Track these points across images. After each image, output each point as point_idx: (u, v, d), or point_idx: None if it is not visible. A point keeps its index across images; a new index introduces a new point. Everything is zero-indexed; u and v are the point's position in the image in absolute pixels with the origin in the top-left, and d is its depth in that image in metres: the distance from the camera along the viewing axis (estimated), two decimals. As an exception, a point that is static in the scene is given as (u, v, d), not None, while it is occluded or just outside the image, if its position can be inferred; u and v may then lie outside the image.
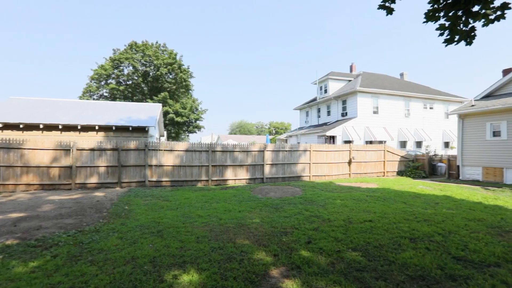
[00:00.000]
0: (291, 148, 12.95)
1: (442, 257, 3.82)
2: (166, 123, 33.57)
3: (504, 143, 12.12)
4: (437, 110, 23.48)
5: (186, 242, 4.34)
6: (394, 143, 21.14)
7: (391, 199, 8.07)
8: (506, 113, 12.04)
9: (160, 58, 33.69)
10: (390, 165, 15.48)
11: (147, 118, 14.67)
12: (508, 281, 3.14)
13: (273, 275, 3.31)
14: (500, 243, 4.39)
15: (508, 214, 6.30)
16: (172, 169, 10.98)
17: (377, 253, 3.94)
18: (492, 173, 12.56)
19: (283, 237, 4.66)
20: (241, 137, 57.47)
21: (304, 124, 29.07)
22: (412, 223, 5.52)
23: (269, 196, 8.65)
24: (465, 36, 2.98)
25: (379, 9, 3.00)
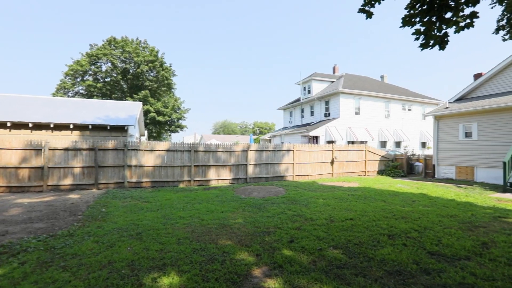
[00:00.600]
0: (275, 148, 13.02)
1: (417, 252, 3.97)
2: (147, 123, 32.70)
3: (475, 144, 12.86)
4: (415, 111, 24.53)
5: (166, 244, 4.22)
6: (375, 143, 21.84)
7: (371, 198, 8.31)
8: (476, 115, 12.78)
9: (141, 55, 32.75)
10: (371, 164, 15.97)
11: (127, 117, 14.19)
12: (477, 273, 3.32)
13: (255, 275, 3.29)
14: (470, 237, 4.63)
15: (478, 210, 6.67)
16: (153, 169, 10.69)
17: (357, 250, 4.03)
18: (464, 172, 13.29)
19: (266, 236, 4.66)
20: (225, 137, 57.11)
21: (288, 124, 29.35)
22: (391, 220, 5.70)
23: (252, 196, 8.63)
24: (439, 41, 3.12)
25: (359, 12, 3.07)
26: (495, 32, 5.38)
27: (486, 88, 13.71)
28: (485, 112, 12.40)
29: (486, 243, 4.36)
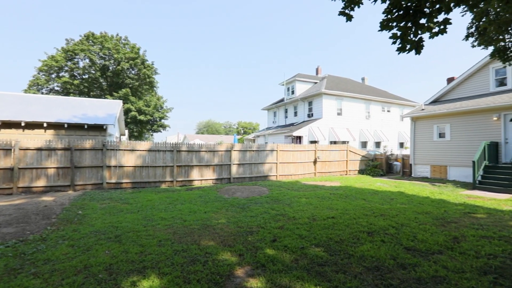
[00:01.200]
0: (258, 148, 13.05)
1: (395, 248, 4.12)
2: (128, 122, 31.70)
3: (448, 144, 13.57)
4: (393, 113, 25.48)
5: (147, 246, 4.11)
6: (356, 143, 22.46)
7: (352, 196, 8.53)
8: (449, 117, 13.49)
9: (121, 52, 31.68)
10: (352, 164, 16.40)
11: (106, 116, 13.69)
12: (448, 266, 3.50)
13: (238, 275, 3.28)
14: (443, 232, 4.88)
15: (450, 207, 7.04)
16: (133, 169, 10.38)
17: (338, 248, 4.12)
18: (438, 171, 13.98)
19: (249, 236, 4.65)
20: (209, 137, 56.54)
21: (272, 124, 29.53)
22: (370, 218, 5.88)
23: (235, 196, 8.61)
24: (414, 46, 3.26)
25: (339, 15, 3.15)
26: (465, 39, 5.69)
27: (458, 92, 14.50)
28: (456, 114, 13.12)
29: (457, 238, 4.60)
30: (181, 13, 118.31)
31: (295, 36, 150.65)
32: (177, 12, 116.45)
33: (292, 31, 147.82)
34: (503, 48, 5.27)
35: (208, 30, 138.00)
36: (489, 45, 5.45)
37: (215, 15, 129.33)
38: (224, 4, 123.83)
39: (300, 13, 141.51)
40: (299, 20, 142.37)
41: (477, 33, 5.38)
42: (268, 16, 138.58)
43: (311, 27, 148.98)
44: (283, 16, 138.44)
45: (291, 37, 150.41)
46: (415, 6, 2.83)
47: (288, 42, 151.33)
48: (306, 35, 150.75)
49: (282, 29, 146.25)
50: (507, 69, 12.33)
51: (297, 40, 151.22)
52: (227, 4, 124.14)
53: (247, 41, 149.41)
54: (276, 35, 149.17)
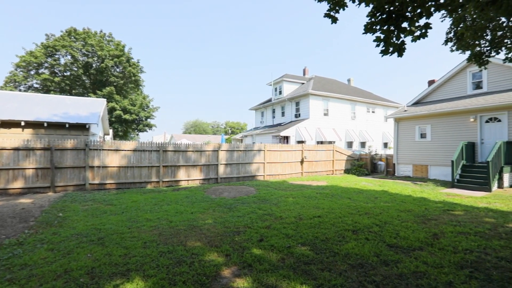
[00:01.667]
0: (246, 148, 13.04)
1: (378, 245, 4.23)
2: (112, 121, 30.85)
3: (429, 144, 14.08)
4: (378, 114, 26.14)
5: (131, 249, 4.02)
6: (342, 143, 22.88)
7: (338, 196, 8.69)
8: (430, 118, 14.00)
9: (105, 49, 30.77)
10: (338, 163, 16.70)
11: (89, 114, 13.26)
12: (428, 261, 3.64)
13: (225, 275, 3.26)
14: (423, 229, 5.06)
15: (431, 205, 7.31)
16: (118, 170, 10.11)
17: (323, 246, 4.19)
18: (420, 170, 14.48)
19: (236, 236, 4.65)
20: (196, 137, 55.92)
21: (259, 124, 29.59)
22: (355, 216, 6.01)
23: (223, 196, 8.56)
24: (397, 49, 3.36)
25: (325, 17, 3.21)
26: (444, 44, 5.92)
27: (438, 94, 15.07)
28: (436, 116, 13.64)
29: (436, 234, 4.79)
30: (168, 12, 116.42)
31: (283, 37, 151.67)
32: (164, 11, 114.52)
33: (280, 32, 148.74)
34: (479, 53, 5.53)
35: (194, 30, 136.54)
36: (466, 50, 5.70)
37: (201, 15, 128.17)
38: (212, 5, 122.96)
39: (287, 15, 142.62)
40: (287, 21, 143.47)
41: (455, 38, 5.60)
42: (255, 17, 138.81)
43: (298, 28, 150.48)
44: (271, 16, 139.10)
45: (278, 38, 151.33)
46: (397, 10, 2.92)
47: (275, 42, 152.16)
48: (293, 36, 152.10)
49: (269, 29, 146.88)
50: (483, 73, 12.94)
51: (285, 41, 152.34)
52: (215, 4, 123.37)
53: (235, 41, 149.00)
54: (263, 36, 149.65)
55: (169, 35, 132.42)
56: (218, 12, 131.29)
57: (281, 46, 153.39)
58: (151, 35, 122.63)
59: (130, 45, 65.86)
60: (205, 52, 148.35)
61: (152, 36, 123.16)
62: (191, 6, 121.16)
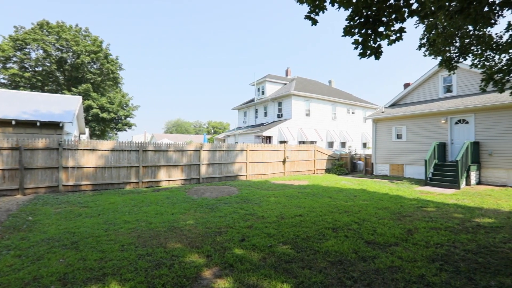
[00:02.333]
0: (228, 147, 12.98)
1: (357, 242, 4.37)
2: (89, 119, 29.53)
3: (404, 144, 14.73)
4: (357, 115, 26.97)
5: (107, 252, 3.87)
6: (323, 143, 23.37)
7: (319, 195, 8.86)
8: (405, 119, 14.65)
9: (81, 44, 29.39)
10: (319, 163, 17.05)
11: (62, 112, 12.60)
12: (403, 256, 3.80)
13: (205, 276, 3.23)
14: (399, 226, 5.28)
15: (406, 202, 7.65)
16: (94, 171, 9.69)
17: (304, 245, 4.26)
18: (396, 169, 15.12)
19: (217, 237, 4.61)
20: (178, 136, 54.88)
21: (242, 124, 29.55)
22: (335, 215, 6.17)
23: (204, 197, 8.47)
24: (374, 52, 3.49)
25: (305, 19, 3.27)
26: (418, 49, 6.21)
27: (413, 96, 15.81)
28: (411, 117, 14.31)
29: (411, 230, 5.02)
30: (148, 10, 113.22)
31: (266, 37, 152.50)
32: (144, 9, 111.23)
33: (263, 32, 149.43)
34: (449, 59, 5.86)
35: (176, 29, 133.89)
36: (438, 55, 6.02)
37: (183, 14, 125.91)
38: (194, 4, 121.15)
39: (270, 15, 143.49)
40: (269, 21, 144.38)
41: (428, 44, 5.90)
42: (238, 17, 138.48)
43: (281, 29, 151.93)
44: (254, 17, 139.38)
45: (261, 38, 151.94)
46: (374, 15, 3.03)
47: (259, 42, 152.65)
48: (276, 36, 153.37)
49: (252, 30, 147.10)
50: (452, 77, 13.74)
51: (268, 41, 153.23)
52: (197, 4, 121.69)
53: (218, 41, 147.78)
54: (246, 36, 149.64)
55: (150, 34, 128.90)
56: (200, 12, 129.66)
57: (264, 46, 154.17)
58: (132, 33, 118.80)
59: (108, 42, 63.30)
60: (187, 51, 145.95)
61: (132, 33, 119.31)
62: (172, 5, 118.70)
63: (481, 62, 5.78)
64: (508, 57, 5.19)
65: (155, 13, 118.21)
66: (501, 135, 11.15)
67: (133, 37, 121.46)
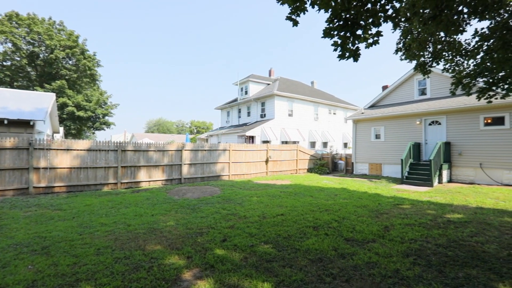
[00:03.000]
0: (211, 147, 12.85)
1: (336, 240, 4.47)
2: (64, 118, 28.12)
3: (383, 144, 15.29)
4: (339, 115, 27.65)
5: (82, 257, 3.70)
6: (306, 143, 23.74)
7: (301, 194, 8.99)
8: (383, 120, 15.21)
9: (55, 38, 27.91)
10: (302, 163, 17.29)
11: (33, 110, 11.91)
12: (380, 252, 3.94)
13: (185, 278, 3.17)
14: (376, 223, 5.47)
15: (383, 200, 7.94)
16: (69, 171, 9.24)
17: (286, 243, 4.30)
18: (375, 168, 15.66)
19: (198, 237, 4.55)
20: (159, 136, 53.60)
21: (225, 124, 29.38)
22: (316, 213, 6.28)
23: (186, 197, 8.33)
24: (352, 54, 3.59)
25: (286, 19, 3.30)
26: (395, 53, 6.46)
27: (391, 98, 16.45)
28: (389, 118, 14.88)
29: (387, 227, 5.21)
30: (126, 4, 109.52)
31: (250, 37, 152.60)
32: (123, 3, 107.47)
33: (247, 32, 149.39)
34: (423, 63, 6.15)
35: (158, 27, 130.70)
36: (413, 60, 6.29)
37: (165, 12, 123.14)
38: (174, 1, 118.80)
39: (255, 15, 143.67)
40: (254, 22, 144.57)
41: (404, 48, 6.16)
42: (222, 15, 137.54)
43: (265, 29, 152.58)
44: (237, 16, 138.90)
45: (246, 38, 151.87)
46: (352, 18, 3.13)
47: (242, 42, 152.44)
48: (260, 36, 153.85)
49: (236, 30, 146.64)
50: (427, 81, 14.45)
51: (252, 41, 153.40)
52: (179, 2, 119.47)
53: (201, 39, 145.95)
54: (229, 36, 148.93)
55: (131, 31, 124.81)
56: (181, 6, 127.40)
57: (248, 46, 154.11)
58: (111, 29, 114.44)
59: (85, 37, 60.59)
60: (170, 49, 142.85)
61: (111, 29, 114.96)
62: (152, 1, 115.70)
63: (452, 67, 6.13)
64: (475, 63, 5.53)
65: (135, 8, 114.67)
66: (469, 136, 11.88)
67: (112, 34, 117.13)
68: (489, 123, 11.43)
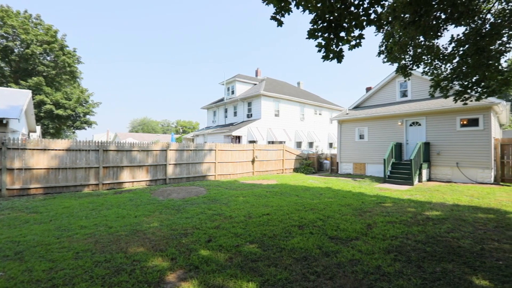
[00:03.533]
0: (196, 147, 12.70)
1: (321, 238, 4.54)
2: (41, 116, 26.87)
3: (366, 144, 15.69)
4: (324, 116, 28.10)
5: (59, 261, 3.54)
6: (292, 143, 23.96)
7: (287, 193, 9.06)
8: (367, 121, 15.62)
9: (32, 32, 26.61)
10: (288, 163, 17.44)
11: (7, 108, 11.30)
12: (362, 249, 4.04)
13: (169, 280, 3.11)
14: (360, 221, 5.60)
15: (366, 199, 8.14)
16: (46, 172, 8.83)
17: (271, 243, 4.31)
18: (359, 168, 16.04)
19: (183, 238, 4.47)
20: (144, 136, 52.40)
21: (211, 123, 29.14)
22: (301, 212, 6.34)
23: (171, 198, 8.18)
24: (336, 55, 3.66)
25: (271, 19, 3.32)
26: (378, 55, 6.65)
27: (374, 99, 16.91)
28: (372, 119, 15.30)
29: (370, 225, 5.35)
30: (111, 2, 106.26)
31: (236, 37, 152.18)
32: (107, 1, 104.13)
33: (234, 32, 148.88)
34: (404, 66, 6.37)
35: (142, 25, 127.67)
36: (394, 62, 6.50)
37: (150, 9, 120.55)
38: None
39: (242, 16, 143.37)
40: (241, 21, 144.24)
41: (386, 51, 6.35)
42: (213, 19, 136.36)
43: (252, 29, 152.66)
44: (225, 16, 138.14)
45: (232, 37, 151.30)
46: (336, 20, 3.19)
47: (229, 42, 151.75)
48: (247, 36, 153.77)
49: (223, 29, 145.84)
50: (407, 83, 14.97)
51: (238, 41, 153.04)
52: None
53: (187, 39, 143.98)
54: (216, 35, 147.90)
55: (114, 28, 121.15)
56: (168, 5, 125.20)
57: (236, 46, 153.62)
58: (94, 26, 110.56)
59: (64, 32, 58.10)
60: (156, 49, 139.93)
61: (94, 25, 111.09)
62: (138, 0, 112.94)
63: (431, 70, 6.38)
64: (451, 67, 5.78)
65: (119, 5, 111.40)
66: (447, 136, 12.42)
67: (95, 30, 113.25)
68: (465, 124, 12.00)
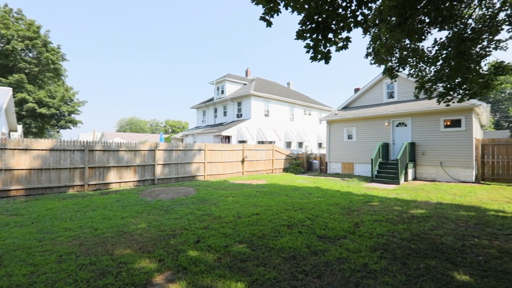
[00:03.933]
0: (185, 147, 12.57)
1: (309, 237, 4.58)
2: (23, 115, 25.91)
3: (355, 144, 15.96)
4: (314, 116, 28.40)
5: (41, 265, 3.43)
6: (282, 143, 24.09)
7: (276, 193, 9.10)
8: (355, 121, 15.89)
9: (12, 28, 25.61)
10: (277, 163, 17.51)
11: (-13, 106, 10.84)
12: (350, 248, 4.10)
13: (157, 282, 3.07)
14: (347, 220, 5.69)
15: (354, 198, 8.28)
16: (28, 173, 8.53)
17: (260, 243, 4.32)
18: (347, 167, 16.30)
19: (171, 239, 4.42)
20: (132, 135, 51.39)
21: (201, 123, 28.92)
22: (291, 212, 6.39)
23: (159, 198, 8.06)
24: (324, 56, 3.71)
25: (260, 20, 3.33)
26: (365, 57, 6.77)
27: (362, 100, 17.22)
28: (360, 119, 15.58)
29: (357, 223, 5.44)
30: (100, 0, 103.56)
31: (226, 36, 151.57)
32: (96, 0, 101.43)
33: (224, 32, 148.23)
34: (391, 68, 6.52)
35: (131, 24, 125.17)
36: (381, 64, 6.65)
37: (139, 8, 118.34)
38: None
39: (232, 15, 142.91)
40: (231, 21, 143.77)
41: (373, 53, 6.49)
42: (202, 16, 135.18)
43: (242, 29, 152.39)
44: (214, 14, 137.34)
45: (223, 36, 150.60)
46: (324, 22, 3.23)
47: (219, 41, 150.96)
48: (237, 36, 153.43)
49: (213, 29, 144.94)
50: (394, 84, 15.33)
51: (228, 40, 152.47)
52: None
53: (177, 38, 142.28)
54: (206, 35, 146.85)
55: (100, 25, 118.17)
56: (157, 4, 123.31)
57: (224, 46, 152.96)
58: (80, 21, 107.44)
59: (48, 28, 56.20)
60: (145, 47, 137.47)
61: (80, 22, 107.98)
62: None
63: (416, 72, 6.56)
64: (435, 69, 5.97)
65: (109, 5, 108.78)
66: (431, 137, 12.80)
67: (81, 28, 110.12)
68: (448, 125, 12.40)
